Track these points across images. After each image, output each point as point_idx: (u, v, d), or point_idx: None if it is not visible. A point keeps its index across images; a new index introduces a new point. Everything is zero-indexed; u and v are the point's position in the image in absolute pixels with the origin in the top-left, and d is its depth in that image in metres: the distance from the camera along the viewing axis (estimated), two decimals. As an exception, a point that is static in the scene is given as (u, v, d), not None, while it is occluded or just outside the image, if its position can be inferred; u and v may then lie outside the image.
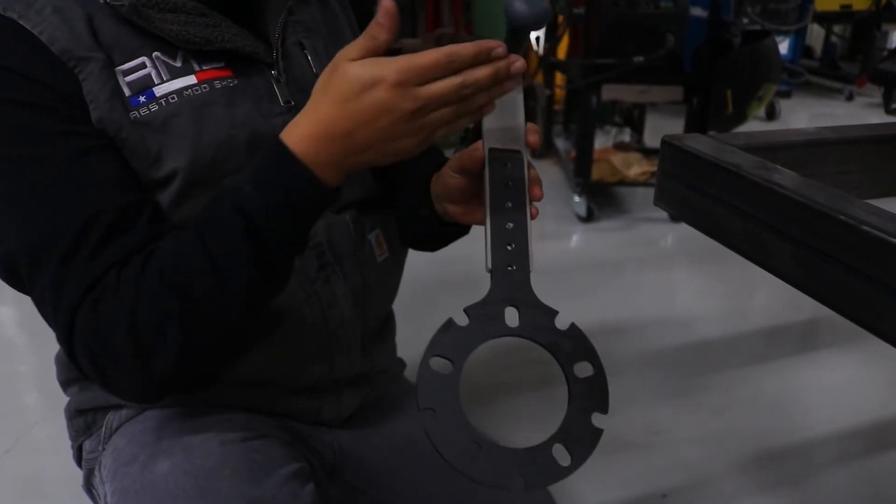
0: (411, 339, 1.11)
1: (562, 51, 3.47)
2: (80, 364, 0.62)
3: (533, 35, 0.59)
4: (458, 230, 0.78)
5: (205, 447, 0.70)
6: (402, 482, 0.84)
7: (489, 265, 0.58)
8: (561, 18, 3.25)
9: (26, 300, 0.65)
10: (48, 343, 0.69)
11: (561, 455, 0.53)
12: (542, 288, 0.57)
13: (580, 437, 0.53)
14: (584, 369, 0.56)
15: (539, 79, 3.44)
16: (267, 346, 0.75)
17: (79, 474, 0.85)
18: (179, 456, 0.69)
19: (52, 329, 0.64)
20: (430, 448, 0.52)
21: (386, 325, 0.92)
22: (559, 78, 3.46)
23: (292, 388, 0.80)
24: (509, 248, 0.59)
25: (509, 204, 0.60)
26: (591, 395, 0.55)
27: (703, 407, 1.69)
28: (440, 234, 0.79)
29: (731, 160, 0.76)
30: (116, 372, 0.61)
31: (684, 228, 0.79)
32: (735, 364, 1.88)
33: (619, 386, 1.98)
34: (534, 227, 0.61)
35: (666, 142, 0.82)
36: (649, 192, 0.86)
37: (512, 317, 0.56)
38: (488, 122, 0.64)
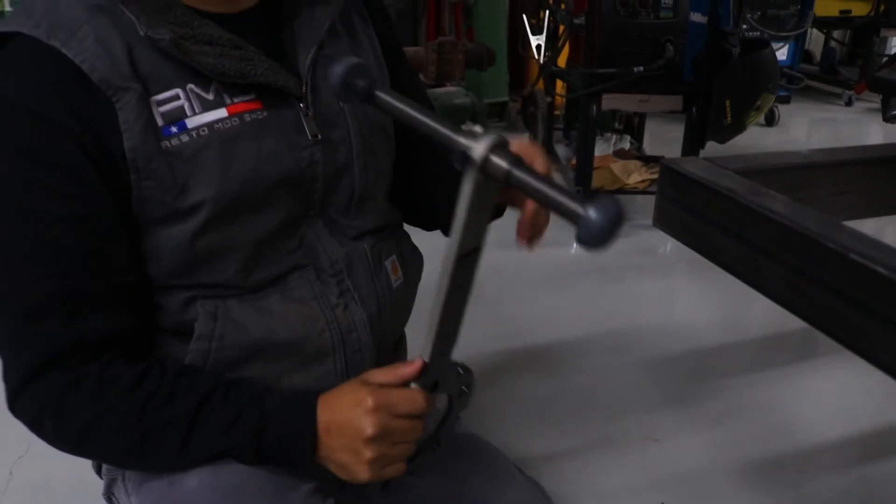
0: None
1: (562, 59, 3.49)
2: (18, 407, 0.69)
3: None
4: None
5: (232, 465, 0.72)
6: (411, 490, 0.86)
7: (426, 359, 0.68)
8: (562, 28, 3.27)
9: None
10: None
11: None
12: (543, 295, 0.60)
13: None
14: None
15: (540, 85, 3.47)
16: (289, 369, 0.77)
17: (91, 481, 0.87)
18: (207, 473, 0.71)
19: None
20: (439, 456, 0.76)
21: (398, 347, 0.94)
22: (560, 85, 3.49)
23: None
24: (446, 340, 0.67)
25: (456, 303, 0.65)
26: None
27: (701, 415, 1.71)
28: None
29: (725, 184, 0.79)
30: (50, 437, 0.70)
31: (683, 236, 0.82)
32: (733, 372, 1.89)
33: (617, 393, 1.97)
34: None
35: (664, 165, 0.85)
36: (649, 200, 0.89)
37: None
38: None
